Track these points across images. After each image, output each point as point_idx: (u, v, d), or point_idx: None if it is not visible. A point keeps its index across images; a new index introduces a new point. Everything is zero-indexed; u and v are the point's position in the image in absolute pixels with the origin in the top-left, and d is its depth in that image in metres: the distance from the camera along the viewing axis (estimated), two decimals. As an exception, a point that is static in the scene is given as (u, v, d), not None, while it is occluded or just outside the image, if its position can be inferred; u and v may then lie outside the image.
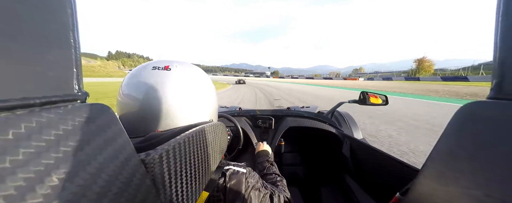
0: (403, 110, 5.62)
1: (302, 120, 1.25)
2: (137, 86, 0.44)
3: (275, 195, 0.50)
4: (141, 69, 0.47)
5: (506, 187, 0.19)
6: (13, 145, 0.13)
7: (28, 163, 0.14)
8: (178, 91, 0.46)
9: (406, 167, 0.64)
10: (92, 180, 0.17)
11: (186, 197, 0.30)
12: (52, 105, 0.17)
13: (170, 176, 0.27)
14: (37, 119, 0.15)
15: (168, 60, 0.50)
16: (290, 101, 7.89)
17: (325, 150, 1.37)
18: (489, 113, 0.23)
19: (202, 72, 0.55)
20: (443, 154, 0.27)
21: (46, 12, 0.16)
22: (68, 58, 0.18)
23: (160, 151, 0.26)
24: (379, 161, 0.79)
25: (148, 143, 0.33)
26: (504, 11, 0.22)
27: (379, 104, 1.27)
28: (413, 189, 0.31)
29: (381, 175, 0.80)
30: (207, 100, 0.52)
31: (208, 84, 0.54)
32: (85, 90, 0.20)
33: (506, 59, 0.22)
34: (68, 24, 0.18)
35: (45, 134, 0.15)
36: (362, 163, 0.95)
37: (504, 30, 0.22)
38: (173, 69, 0.47)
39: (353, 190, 0.99)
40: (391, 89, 14.63)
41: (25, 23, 0.15)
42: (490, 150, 0.21)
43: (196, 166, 0.33)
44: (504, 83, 0.23)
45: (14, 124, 0.14)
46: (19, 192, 0.13)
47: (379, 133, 3.38)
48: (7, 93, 0.14)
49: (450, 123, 0.27)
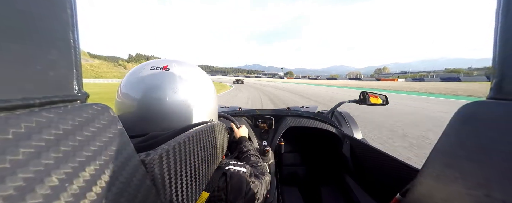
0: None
1: (302, 120, 1.25)
2: (136, 86, 0.44)
3: (262, 188, 0.51)
4: (140, 69, 0.47)
5: (506, 187, 0.19)
6: (13, 145, 0.13)
7: (28, 163, 0.13)
8: (177, 91, 0.46)
9: (406, 167, 0.64)
10: (92, 180, 0.17)
11: (186, 197, 0.30)
12: (52, 105, 0.16)
13: (170, 176, 0.27)
14: (37, 119, 0.15)
15: (167, 60, 0.50)
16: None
17: (325, 150, 1.37)
18: (489, 113, 0.23)
19: (201, 71, 0.55)
20: (443, 154, 0.26)
21: (46, 12, 0.16)
22: (68, 58, 0.18)
23: (160, 151, 0.26)
24: (379, 161, 0.79)
25: (148, 143, 0.32)
26: (504, 11, 0.22)
27: (379, 104, 1.26)
28: (413, 189, 0.31)
29: (381, 175, 0.80)
30: (206, 100, 0.52)
31: (207, 83, 0.54)
32: (84, 90, 0.20)
33: (506, 59, 0.22)
34: (68, 24, 0.18)
35: (45, 134, 0.15)
36: (362, 163, 0.95)
37: (504, 30, 0.22)
38: (171, 69, 0.47)
39: (353, 190, 0.99)
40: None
41: (25, 23, 0.15)
42: (490, 150, 0.21)
43: (196, 166, 0.33)
44: (503, 83, 0.22)
45: (14, 124, 0.13)
46: (19, 192, 0.13)
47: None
48: (7, 93, 0.14)
49: (450, 123, 0.27)
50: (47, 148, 0.15)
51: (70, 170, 0.16)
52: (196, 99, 0.49)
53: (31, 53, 0.15)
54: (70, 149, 0.16)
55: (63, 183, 0.15)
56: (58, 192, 0.15)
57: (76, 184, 0.16)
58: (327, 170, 1.31)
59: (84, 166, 0.17)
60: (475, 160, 0.22)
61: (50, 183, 0.14)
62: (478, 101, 0.25)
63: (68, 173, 0.16)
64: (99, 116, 0.20)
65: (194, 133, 0.33)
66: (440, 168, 0.26)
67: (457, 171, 0.23)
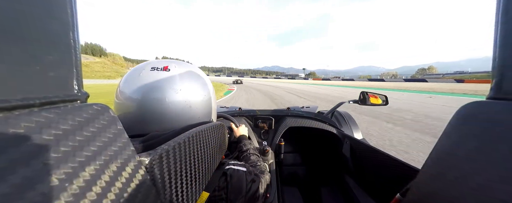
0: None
1: (302, 120, 1.24)
2: (136, 87, 0.44)
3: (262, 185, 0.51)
4: (140, 70, 0.47)
5: (506, 187, 0.19)
6: (13, 145, 0.13)
7: (28, 163, 0.13)
8: (177, 91, 0.46)
9: (406, 167, 0.63)
10: (92, 180, 0.17)
11: (186, 197, 0.30)
12: (52, 105, 0.16)
13: (170, 176, 0.27)
14: (37, 119, 0.15)
15: (167, 60, 0.50)
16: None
17: (325, 150, 1.37)
18: (489, 113, 0.23)
19: (200, 72, 0.55)
20: (443, 154, 0.27)
21: (46, 12, 0.16)
22: (68, 58, 0.18)
23: (160, 151, 0.26)
24: (379, 161, 0.79)
25: (148, 143, 0.33)
26: (504, 11, 0.22)
27: (379, 104, 1.26)
28: (413, 189, 0.31)
29: (381, 175, 0.79)
30: (206, 100, 0.52)
31: (206, 84, 0.54)
32: (84, 90, 0.20)
33: (506, 59, 0.22)
34: (68, 24, 0.18)
35: (45, 134, 0.15)
36: (362, 163, 0.94)
37: (504, 30, 0.22)
38: (172, 70, 0.47)
39: (353, 190, 0.99)
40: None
41: (25, 23, 0.15)
42: (490, 150, 0.21)
43: (196, 166, 0.33)
44: (503, 83, 0.22)
45: (14, 124, 0.13)
46: (18, 192, 0.13)
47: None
48: (7, 93, 0.14)
49: (450, 123, 0.27)
50: (47, 148, 0.15)
51: (70, 170, 0.16)
52: (195, 100, 0.49)
53: (31, 53, 0.15)
54: (70, 149, 0.16)
55: (63, 183, 0.15)
56: (58, 192, 0.15)
57: (76, 184, 0.16)
58: (327, 170, 1.31)
59: (84, 166, 0.17)
60: (475, 160, 0.22)
61: (50, 183, 0.14)
62: (478, 101, 0.24)
63: (68, 173, 0.15)
64: (99, 116, 0.19)
65: (194, 133, 0.33)
66: (440, 168, 0.26)
67: (457, 171, 0.23)
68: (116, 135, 0.21)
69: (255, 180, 0.49)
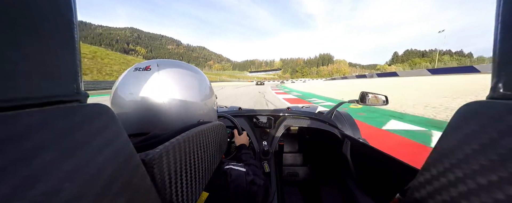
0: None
1: (302, 120, 1.24)
2: (136, 87, 0.44)
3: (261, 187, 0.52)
4: (127, 71, 0.47)
5: (506, 187, 0.19)
6: (12, 145, 0.13)
7: (27, 163, 0.13)
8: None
9: (406, 167, 0.64)
10: (91, 180, 0.17)
11: (186, 197, 0.30)
12: (51, 105, 0.16)
13: (170, 176, 0.27)
14: (36, 119, 0.15)
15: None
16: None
17: (325, 150, 1.37)
18: (489, 113, 0.23)
19: (200, 72, 0.55)
20: (443, 154, 0.27)
21: (46, 12, 0.16)
22: (68, 58, 0.18)
23: (160, 151, 0.26)
24: (379, 161, 0.79)
25: (148, 143, 0.33)
26: (504, 11, 0.22)
27: (379, 104, 1.28)
28: (413, 189, 0.31)
29: (381, 175, 0.80)
30: (205, 101, 0.52)
31: (206, 84, 0.54)
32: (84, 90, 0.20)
33: (505, 59, 0.22)
34: (68, 24, 0.18)
35: (45, 134, 0.15)
36: (362, 163, 0.95)
37: (504, 30, 0.22)
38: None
39: (353, 190, 0.99)
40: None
41: (24, 23, 0.15)
42: (490, 150, 0.21)
43: (196, 166, 0.33)
44: (504, 83, 0.22)
45: (14, 124, 0.13)
46: (18, 191, 0.13)
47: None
48: (7, 93, 0.14)
49: (450, 123, 0.27)
50: (46, 148, 0.15)
51: (70, 170, 0.16)
52: (195, 100, 0.49)
53: (30, 53, 0.15)
54: (70, 149, 0.16)
55: (63, 183, 0.15)
56: (58, 192, 0.15)
57: (75, 184, 0.16)
58: (327, 170, 1.31)
59: (84, 166, 0.17)
60: (475, 160, 0.22)
61: (50, 183, 0.14)
62: (478, 101, 0.25)
63: (68, 173, 0.15)
64: (99, 116, 0.20)
65: (194, 133, 0.34)
66: (440, 168, 0.26)
67: (457, 171, 0.24)
68: (116, 135, 0.21)
69: (255, 181, 0.49)
